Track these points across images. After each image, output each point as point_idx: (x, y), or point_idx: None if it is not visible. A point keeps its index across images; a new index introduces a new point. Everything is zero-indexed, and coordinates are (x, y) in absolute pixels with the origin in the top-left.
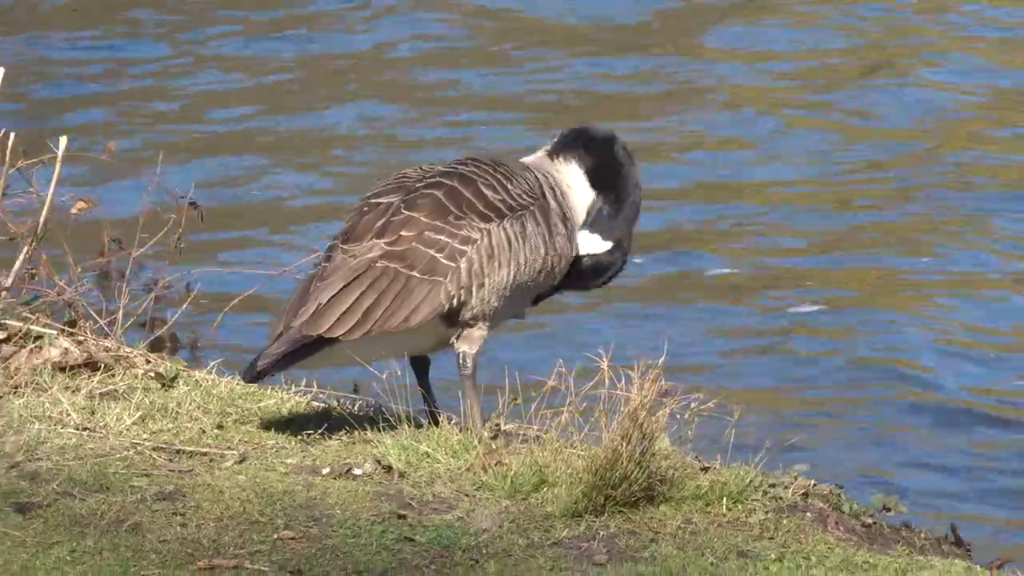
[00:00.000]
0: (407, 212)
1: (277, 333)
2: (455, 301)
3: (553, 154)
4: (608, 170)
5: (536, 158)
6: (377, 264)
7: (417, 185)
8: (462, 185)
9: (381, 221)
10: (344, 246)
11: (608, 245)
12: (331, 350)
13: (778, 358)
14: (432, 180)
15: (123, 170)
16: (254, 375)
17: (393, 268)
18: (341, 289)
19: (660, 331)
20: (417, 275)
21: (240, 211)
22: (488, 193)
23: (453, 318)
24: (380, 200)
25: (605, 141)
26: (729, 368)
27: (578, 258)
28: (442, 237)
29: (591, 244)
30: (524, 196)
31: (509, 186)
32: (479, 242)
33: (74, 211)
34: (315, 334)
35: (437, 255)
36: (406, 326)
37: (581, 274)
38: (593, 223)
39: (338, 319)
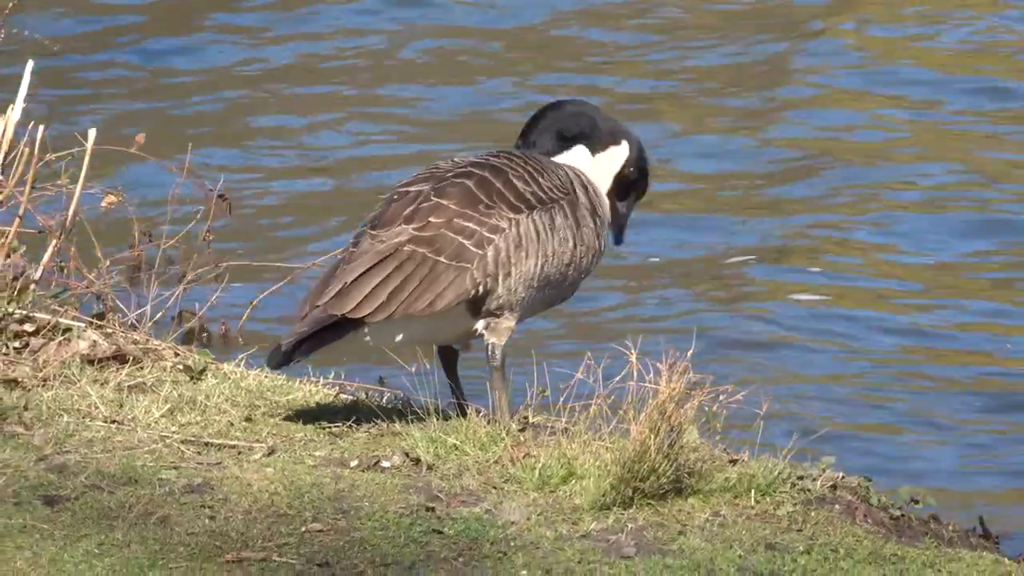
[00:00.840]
0: (437, 199)
1: (302, 315)
2: (481, 288)
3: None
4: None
5: (574, 154)
6: (404, 248)
7: (448, 175)
8: (493, 176)
9: (410, 208)
10: (372, 232)
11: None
12: (356, 333)
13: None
14: (463, 170)
15: (152, 163)
16: (279, 358)
17: (420, 252)
18: (367, 270)
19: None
20: (444, 260)
21: (272, 203)
22: (519, 184)
23: (478, 306)
24: (410, 188)
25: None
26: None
27: None
28: (470, 224)
29: None
30: (555, 190)
31: (540, 179)
32: (507, 231)
33: (104, 205)
34: (339, 314)
35: (465, 242)
36: (431, 310)
37: None
38: None
39: (363, 300)
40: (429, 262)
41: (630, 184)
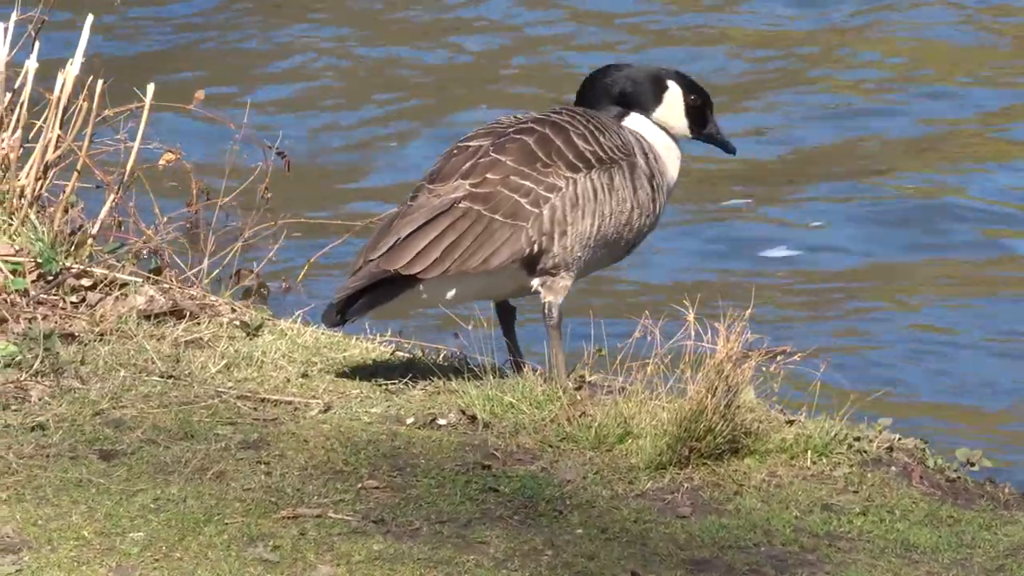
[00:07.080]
0: (495, 155)
1: (355, 269)
2: (536, 247)
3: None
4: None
5: (632, 121)
6: (460, 204)
7: (509, 131)
8: (554, 133)
9: (468, 163)
10: (430, 186)
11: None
12: (411, 291)
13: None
14: (524, 126)
15: (211, 120)
16: (333, 316)
17: (476, 209)
18: (421, 226)
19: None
20: (499, 218)
21: (333, 163)
22: (579, 143)
23: (533, 265)
24: (470, 144)
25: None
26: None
27: None
28: (527, 183)
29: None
30: (616, 150)
31: (601, 138)
32: (564, 190)
33: (161, 163)
34: (392, 269)
35: (521, 200)
36: (485, 268)
37: None
38: None
39: (416, 255)
40: (484, 219)
41: (700, 108)
